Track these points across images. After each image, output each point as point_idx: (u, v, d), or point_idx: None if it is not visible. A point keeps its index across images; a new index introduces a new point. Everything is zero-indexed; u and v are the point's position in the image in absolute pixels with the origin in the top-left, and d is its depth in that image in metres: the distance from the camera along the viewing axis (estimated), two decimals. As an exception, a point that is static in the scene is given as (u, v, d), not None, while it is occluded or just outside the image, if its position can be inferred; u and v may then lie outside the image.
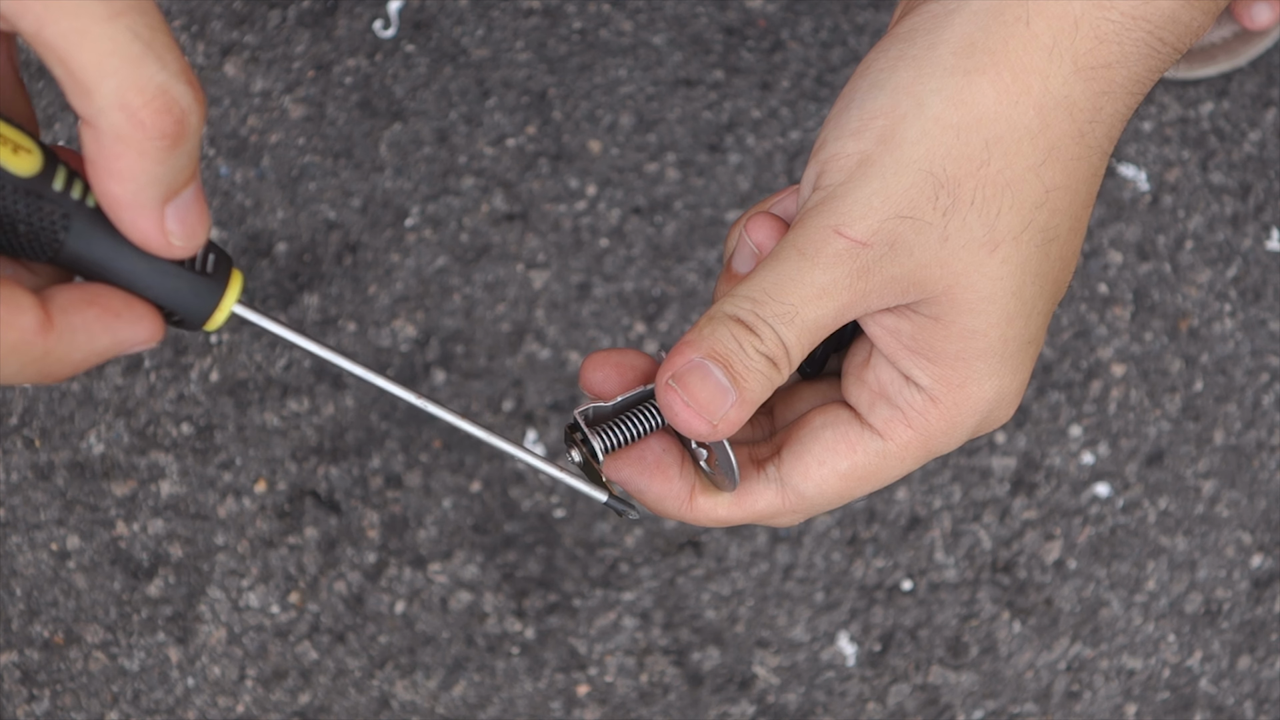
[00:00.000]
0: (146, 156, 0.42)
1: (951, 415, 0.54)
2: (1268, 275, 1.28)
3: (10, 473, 1.22)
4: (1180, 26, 0.51)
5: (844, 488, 0.56)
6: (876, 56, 0.53)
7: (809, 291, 0.52)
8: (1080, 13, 0.51)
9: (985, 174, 0.51)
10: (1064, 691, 1.24)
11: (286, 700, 1.21)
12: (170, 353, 1.24)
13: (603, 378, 0.57)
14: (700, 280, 1.26)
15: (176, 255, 0.45)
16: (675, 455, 0.56)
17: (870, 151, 0.51)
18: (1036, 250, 0.52)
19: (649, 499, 0.56)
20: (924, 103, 0.51)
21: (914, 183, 0.51)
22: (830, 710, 1.23)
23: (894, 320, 0.54)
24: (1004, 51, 0.51)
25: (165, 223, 0.44)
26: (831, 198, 0.52)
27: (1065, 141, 0.51)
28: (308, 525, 1.23)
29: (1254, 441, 1.27)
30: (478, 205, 1.26)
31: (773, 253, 0.53)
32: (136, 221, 0.43)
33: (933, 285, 0.52)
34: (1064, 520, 1.25)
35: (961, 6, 0.51)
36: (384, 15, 1.28)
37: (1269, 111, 1.30)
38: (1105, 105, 0.52)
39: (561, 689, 1.22)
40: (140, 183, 0.43)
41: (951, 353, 0.53)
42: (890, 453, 0.55)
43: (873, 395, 0.55)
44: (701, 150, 1.27)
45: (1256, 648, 1.25)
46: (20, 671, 1.21)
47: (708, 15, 1.29)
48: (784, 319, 0.52)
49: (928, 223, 0.51)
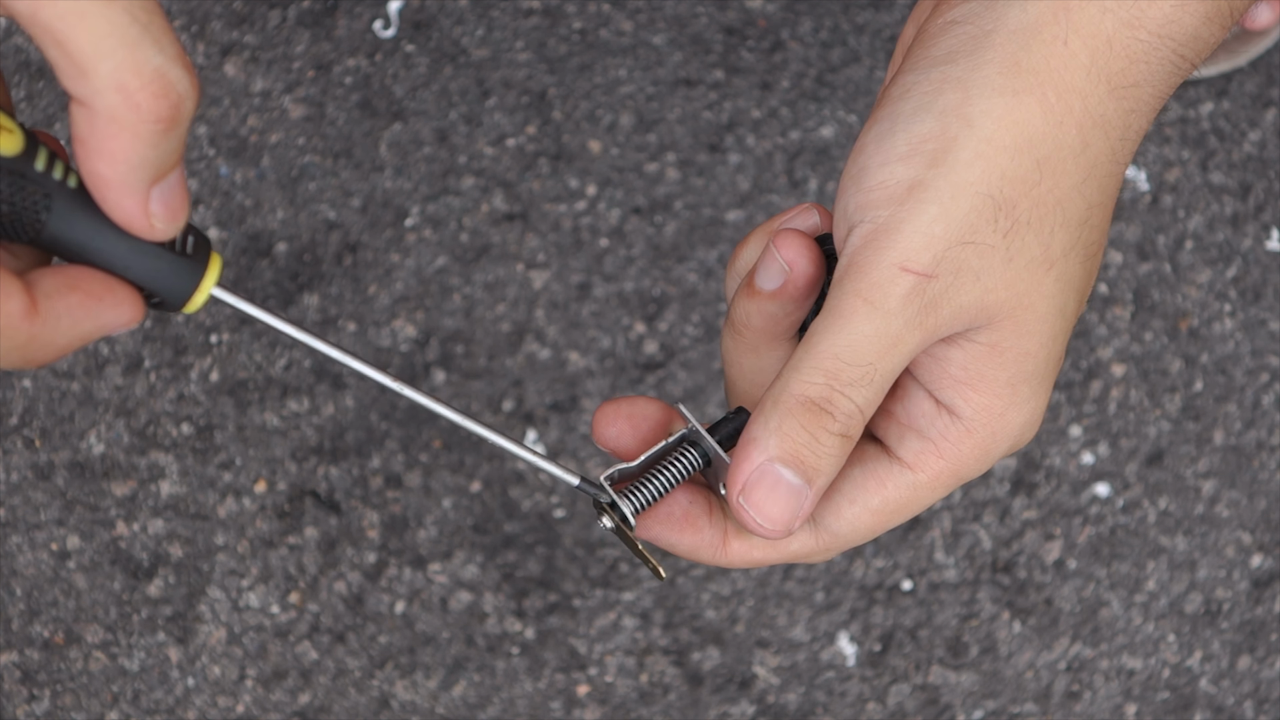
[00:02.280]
0: (140, 139, 0.42)
1: (986, 444, 0.53)
2: (1268, 275, 1.28)
3: (10, 473, 1.22)
4: (1200, 44, 0.51)
5: (876, 522, 0.55)
6: (917, 79, 0.52)
7: (884, 343, 0.50)
8: (1112, 32, 0.51)
9: (1038, 194, 0.50)
10: (1064, 691, 1.24)
11: (286, 700, 1.21)
12: (170, 353, 1.24)
13: (616, 433, 0.56)
14: (700, 280, 1.26)
15: (158, 237, 0.45)
16: (703, 505, 0.56)
17: (922, 177, 0.50)
18: (1079, 267, 0.52)
19: (682, 552, 0.55)
20: (975, 124, 0.50)
21: (973, 206, 0.50)
22: (830, 710, 1.23)
23: (944, 349, 0.52)
24: (1047, 71, 0.50)
25: (150, 204, 0.44)
26: (886, 230, 0.50)
27: (1102, 159, 0.51)
28: (308, 525, 1.23)
29: (1254, 441, 1.27)
30: (478, 205, 1.26)
31: (832, 307, 0.51)
32: (122, 203, 0.43)
33: (998, 309, 0.51)
34: (1064, 520, 1.25)
35: (998, 26, 0.51)
36: (384, 15, 1.28)
37: (1269, 111, 1.30)
38: (1133, 123, 0.52)
39: (561, 689, 1.22)
40: (131, 164, 0.42)
41: (1002, 380, 0.52)
42: (921, 484, 0.54)
43: (901, 428, 0.54)
44: (701, 150, 1.27)
45: (1256, 648, 1.25)
46: (20, 671, 1.21)
47: (708, 15, 1.29)
48: (861, 382, 0.50)
49: (990, 246, 0.50)
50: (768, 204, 1.27)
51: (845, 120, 1.28)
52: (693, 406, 1.25)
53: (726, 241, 1.26)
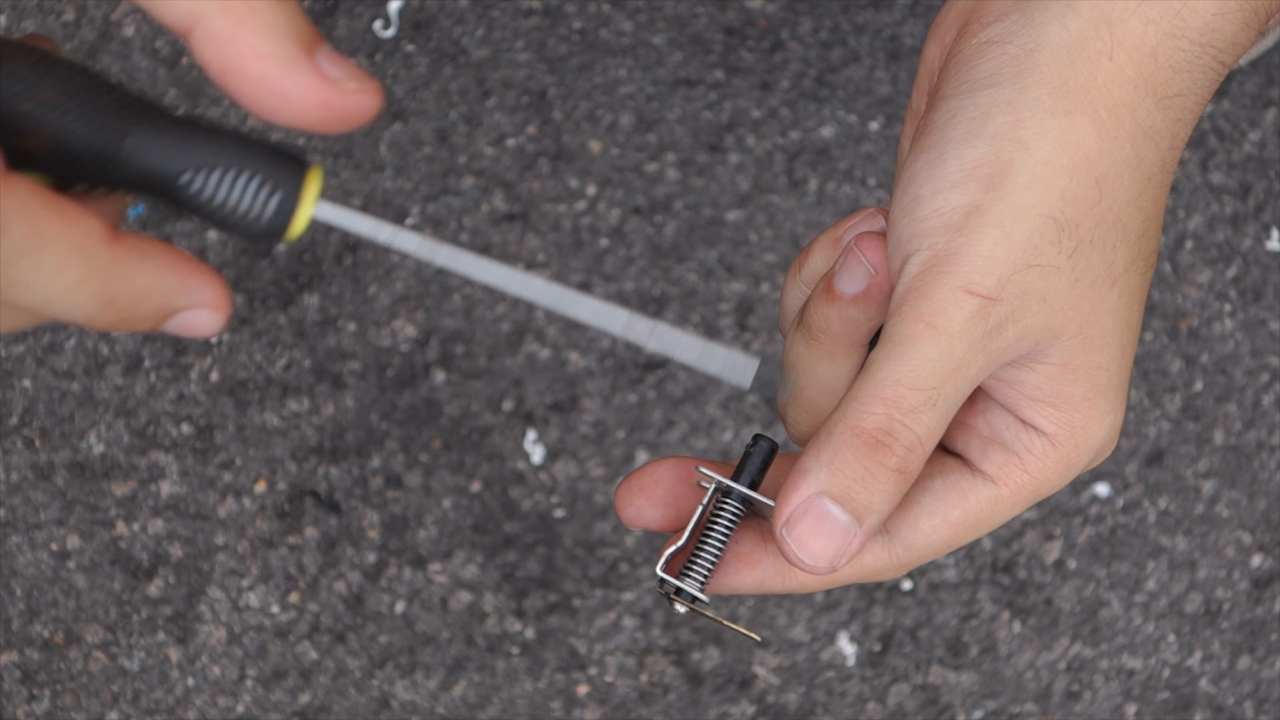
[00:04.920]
0: (261, 13, 0.38)
1: (1070, 456, 0.52)
2: (1268, 275, 1.28)
3: (10, 473, 1.22)
4: (1238, 49, 0.51)
5: (952, 536, 0.54)
6: (962, 104, 0.51)
7: (948, 367, 0.49)
8: (1156, 44, 0.50)
9: (1098, 212, 0.50)
10: (1064, 691, 1.24)
11: (286, 700, 1.21)
12: (170, 353, 1.24)
13: (636, 512, 0.55)
14: (700, 280, 1.26)
15: (352, 105, 0.39)
16: (754, 539, 0.54)
17: (979, 202, 0.49)
18: (1140, 278, 0.52)
19: (748, 590, 0.54)
20: (1030, 147, 0.49)
21: (1036, 229, 0.49)
22: (830, 710, 1.23)
23: (1015, 373, 0.52)
24: (1095, 88, 0.50)
25: (324, 70, 0.39)
26: (946, 256, 0.49)
27: (1155, 171, 0.51)
28: (308, 525, 1.23)
29: (1254, 441, 1.27)
30: (478, 205, 1.26)
31: (892, 333, 0.50)
32: (297, 78, 0.38)
33: (1065, 329, 0.50)
34: (1064, 520, 1.25)
35: (1040, 45, 0.50)
36: (384, 15, 1.28)
37: (1269, 111, 1.30)
38: (1180, 131, 0.52)
39: (561, 689, 1.22)
40: (272, 40, 0.38)
41: (1079, 395, 0.52)
42: (1003, 498, 0.53)
43: (984, 442, 0.53)
44: (701, 150, 1.27)
45: (1256, 648, 1.25)
46: (20, 671, 1.21)
47: (708, 15, 1.29)
48: (924, 408, 0.49)
49: (1055, 268, 0.50)
50: (768, 204, 1.27)
51: (845, 120, 1.28)
52: (692, 406, 1.25)
53: (726, 241, 1.26)
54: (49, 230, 0.37)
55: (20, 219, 0.37)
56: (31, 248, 0.37)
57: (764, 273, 1.26)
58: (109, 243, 0.39)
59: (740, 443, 1.25)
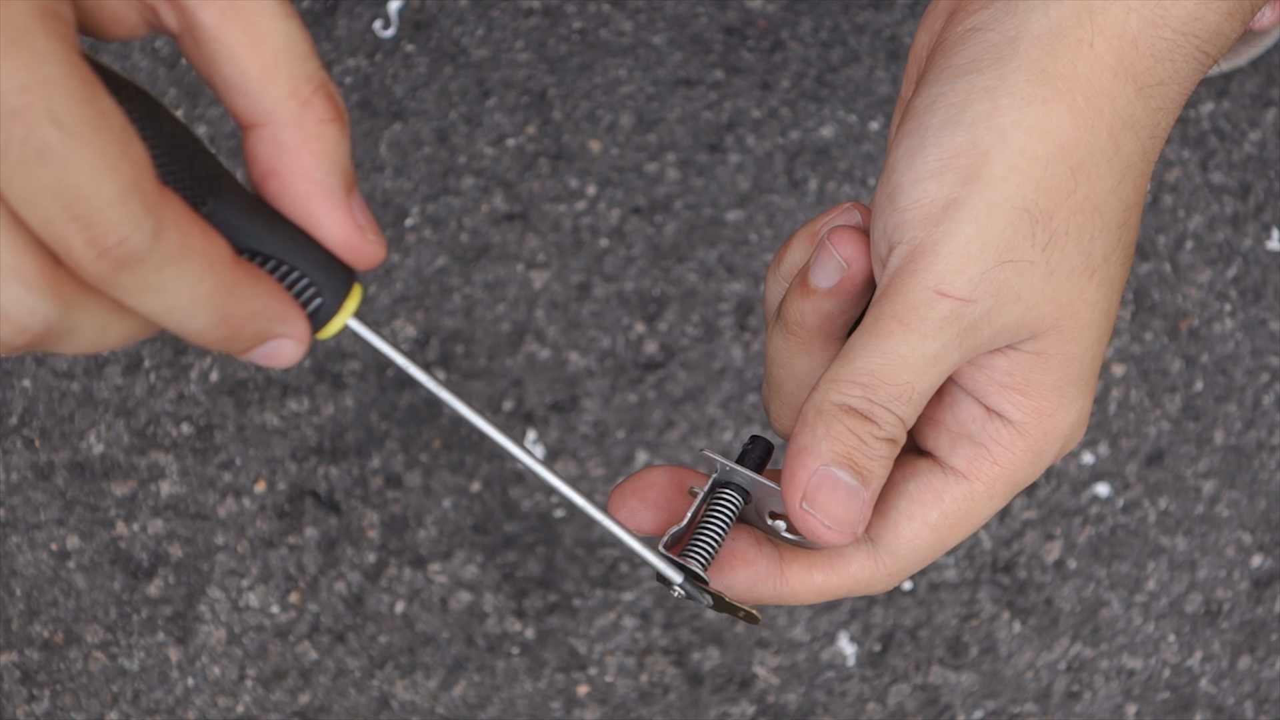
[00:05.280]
0: (328, 142, 0.41)
1: (1039, 445, 0.53)
2: (1268, 275, 1.28)
3: (10, 473, 1.22)
4: (1222, 39, 0.51)
5: (936, 539, 0.54)
6: (942, 90, 0.51)
7: (919, 364, 0.50)
8: (1137, 32, 0.50)
9: (1074, 202, 0.50)
10: (1064, 691, 1.24)
11: (286, 700, 1.21)
12: (170, 353, 1.24)
13: (629, 513, 0.56)
14: (700, 280, 1.26)
15: (370, 254, 0.42)
16: (749, 539, 0.55)
17: (956, 195, 0.50)
18: (1120, 268, 0.52)
19: (739, 591, 0.55)
20: (1006, 135, 0.50)
21: (1009, 222, 0.50)
22: (830, 710, 1.23)
23: (988, 357, 0.52)
24: (1074, 76, 0.50)
25: (354, 216, 0.42)
26: (922, 252, 0.50)
27: (1134, 159, 0.51)
28: (308, 525, 1.23)
29: (1254, 441, 1.27)
30: (478, 205, 1.26)
31: (869, 325, 0.51)
32: (334, 214, 0.42)
33: (1041, 323, 0.51)
34: (1064, 520, 1.25)
35: (1022, 32, 0.51)
36: (384, 15, 1.28)
37: (1269, 111, 1.30)
38: (1161, 120, 0.52)
39: (561, 689, 1.22)
40: (327, 169, 0.41)
41: (1049, 384, 0.52)
42: (978, 494, 0.53)
43: (953, 437, 0.54)
44: (701, 150, 1.27)
45: (1256, 648, 1.25)
46: (20, 671, 1.21)
47: (708, 15, 1.29)
48: (900, 399, 0.50)
49: (1030, 262, 0.50)
50: (768, 204, 1.27)
51: (845, 120, 1.28)
52: (692, 406, 1.25)
53: (726, 241, 1.26)
54: (194, 242, 0.39)
55: (175, 228, 0.39)
56: (178, 256, 0.39)
57: (764, 273, 1.26)
58: (234, 264, 0.41)
59: (740, 442, 1.25)
